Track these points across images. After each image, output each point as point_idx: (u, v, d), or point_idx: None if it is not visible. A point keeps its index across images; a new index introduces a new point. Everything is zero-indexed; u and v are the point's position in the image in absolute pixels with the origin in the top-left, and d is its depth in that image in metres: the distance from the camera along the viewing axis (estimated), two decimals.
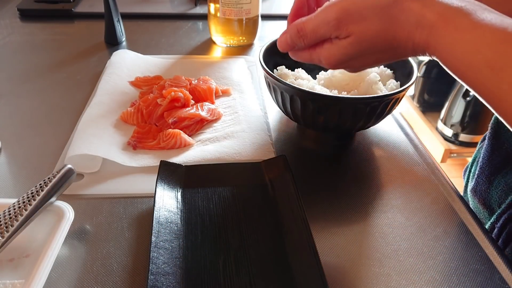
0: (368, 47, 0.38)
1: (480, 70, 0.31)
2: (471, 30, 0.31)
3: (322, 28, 0.38)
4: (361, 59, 0.39)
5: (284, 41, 0.43)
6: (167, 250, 0.38)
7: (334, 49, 0.39)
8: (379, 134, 0.58)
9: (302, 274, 0.37)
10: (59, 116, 0.60)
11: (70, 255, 0.40)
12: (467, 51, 0.31)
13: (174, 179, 0.46)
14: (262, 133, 0.56)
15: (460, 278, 0.39)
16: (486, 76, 0.31)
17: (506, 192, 0.49)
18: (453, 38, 0.32)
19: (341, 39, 0.38)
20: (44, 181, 0.40)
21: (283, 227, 0.42)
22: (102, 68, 0.71)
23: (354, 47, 0.38)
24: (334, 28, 0.37)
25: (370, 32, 0.36)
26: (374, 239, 0.43)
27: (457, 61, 0.33)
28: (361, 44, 0.37)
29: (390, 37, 0.36)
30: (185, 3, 0.98)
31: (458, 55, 0.32)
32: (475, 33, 0.31)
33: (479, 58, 0.31)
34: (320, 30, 0.39)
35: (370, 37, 0.37)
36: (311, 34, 0.39)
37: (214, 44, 0.83)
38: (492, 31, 0.31)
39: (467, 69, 0.32)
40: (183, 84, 0.62)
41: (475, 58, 0.31)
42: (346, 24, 0.37)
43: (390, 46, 0.37)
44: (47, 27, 0.89)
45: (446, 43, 0.33)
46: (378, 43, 0.37)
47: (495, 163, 0.52)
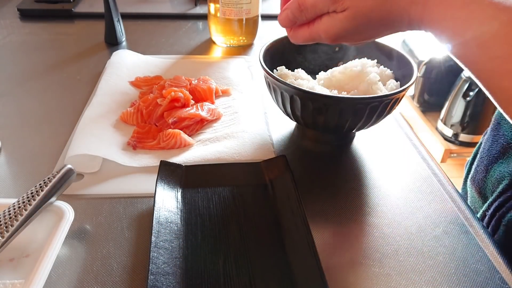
0: (363, 21, 0.38)
1: (470, 48, 0.31)
2: (462, 7, 0.32)
3: (321, 2, 0.39)
4: (359, 33, 0.40)
5: (285, 17, 0.43)
6: (167, 250, 0.38)
7: (331, 22, 0.40)
8: (379, 134, 0.58)
9: (302, 274, 0.37)
10: (59, 116, 0.60)
11: (70, 255, 0.40)
12: (458, 27, 0.32)
13: (174, 179, 0.46)
14: (262, 133, 0.56)
15: (460, 278, 0.39)
16: (474, 53, 0.31)
17: (498, 180, 0.50)
18: (445, 14, 0.33)
19: (338, 12, 0.39)
20: (44, 181, 0.40)
21: (283, 227, 0.42)
22: (102, 68, 0.71)
23: (350, 21, 0.39)
24: (332, 2, 0.38)
25: (365, 7, 0.37)
26: (374, 239, 0.43)
27: (449, 38, 0.33)
28: (356, 18, 0.38)
29: (385, 12, 0.37)
30: (185, 3, 0.98)
31: (450, 32, 0.33)
32: (466, 10, 0.32)
33: (469, 35, 0.31)
34: (319, 4, 0.40)
35: (365, 12, 0.37)
36: (311, 8, 0.41)
37: (214, 44, 0.83)
38: (482, 8, 0.31)
39: (458, 46, 0.33)
40: (183, 84, 0.62)
41: (465, 35, 0.32)
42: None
43: (385, 20, 0.38)
44: (47, 27, 0.89)
45: (439, 20, 0.34)
46: (374, 17, 0.38)
47: (493, 153, 0.53)
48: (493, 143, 0.54)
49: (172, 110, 0.57)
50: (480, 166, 0.55)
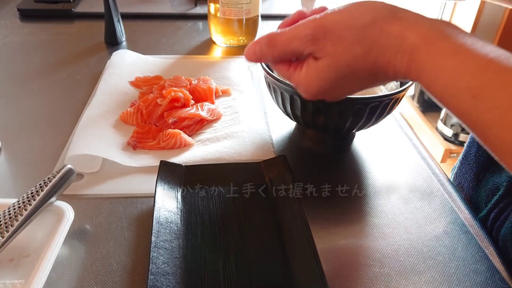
0: (347, 72, 0.35)
1: (464, 98, 0.29)
2: (453, 56, 0.30)
3: (296, 41, 0.36)
4: (341, 86, 0.37)
5: (252, 51, 0.40)
6: (167, 250, 0.38)
7: (312, 74, 0.37)
8: (379, 134, 0.58)
9: (302, 274, 0.37)
10: (59, 116, 0.60)
11: (70, 255, 0.40)
12: (450, 77, 0.30)
13: (174, 179, 0.46)
14: (262, 133, 0.56)
15: (460, 278, 0.39)
16: (469, 104, 0.29)
17: (493, 191, 0.49)
18: (435, 63, 0.31)
19: (317, 59, 0.36)
20: (44, 181, 0.40)
21: (283, 227, 0.42)
22: (102, 68, 0.71)
23: (333, 70, 0.35)
24: (309, 43, 0.35)
25: (348, 55, 0.34)
26: (374, 239, 0.43)
27: (440, 88, 0.31)
28: (340, 68, 0.35)
29: (369, 62, 0.34)
30: (185, 3, 0.98)
31: (441, 82, 0.31)
32: (457, 59, 0.30)
33: (462, 85, 0.29)
34: (293, 43, 0.36)
35: (348, 60, 0.35)
36: (282, 47, 0.37)
37: (214, 44, 0.83)
38: (474, 57, 0.29)
39: (451, 96, 0.30)
40: (183, 84, 0.62)
41: (458, 86, 0.30)
42: (323, 41, 0.35)
43: (370, 71, 0.35)
44: (47, 27, 0.89)
45: (428, 69, 0.31)
46: (358, 68, 0.35)
47: (482, 160, 0.52)
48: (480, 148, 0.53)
49: (172, 110, 0.57)
50: (469, 173, 0.54)
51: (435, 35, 0.31)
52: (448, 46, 0.30)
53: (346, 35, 0.34)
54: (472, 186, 0.53)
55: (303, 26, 0.36)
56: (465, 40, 0.30)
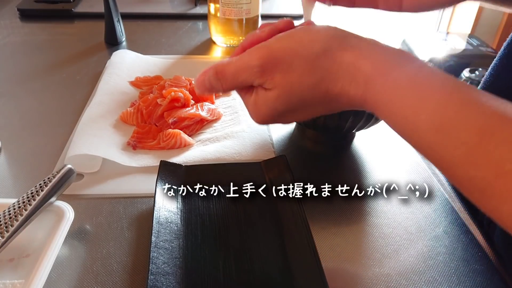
0: (297, 102, 0.33)
1: (426, 133, 0.27)
2: (410, 87, 0.28)
3: (244, 73, 0.34)
4: (292, 114, 0.35)
5: (201, 83, 0.37)
6: (167, 250, 0.38)
7: (261, 102, 0.35)
8: (379, 134, 0.58)
9: (302, 274, 0.37)
10: (59, 116, 0.60)
11: (70, 255, 0.40)
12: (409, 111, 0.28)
13: (174, 179, 0.46)
14: (262, 133, 0.56)
15: (460, 278, 0.39)
16: (433, 140, 0.27)
17: None
18: (392, 96, 0.29)
19: (267, 90, 0.34)
20: (44, 181, 0.40)
21: (283, 227, 0.42)
22: (102, 68, 0.71)
23: (282, 102, 0.33)
24: (257, 75, 0.33)
25: (299, 87, 0.32)
26: (374, 239, 0.43)
27: (399, 122, 0.29)
28: (290, 98, 0.33)
29: (322, 92, 0.32)
30: (185, 3, 0.98)
31: (400, 115, 0.28)
32: (415, 90, 0.28)
33: (423, 119, 0.27)
34: (242, 76, 0.34)
35: (299, 91, 0.33)
36: (231, 79, 0.35)
37: (214, 44, 0.83)
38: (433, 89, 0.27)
39: (411, 131, 0.28)
40: (183, 84, 0.62)
41: (418, 120, 0.27)
42: (272, 73, 0.33)
43: (322, 100, 0.33)
44: (47, 27, 0.89)
45: (384, 101, 0.29)
46: (309, 98, 0.33)
47: None
48: None
49: (172, 110, 0.57)
50: None
51: (389, 65, 0.29)
52: (404, 77, 0.29)
53: (295, 65, 0.32)
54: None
55: (250, 56, 0.34)
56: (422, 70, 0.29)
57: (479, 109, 0.26)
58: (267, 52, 0.33)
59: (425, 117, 0.27)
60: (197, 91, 0.38)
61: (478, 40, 1.84)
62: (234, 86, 0.36)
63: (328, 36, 0.32)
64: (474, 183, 0.26)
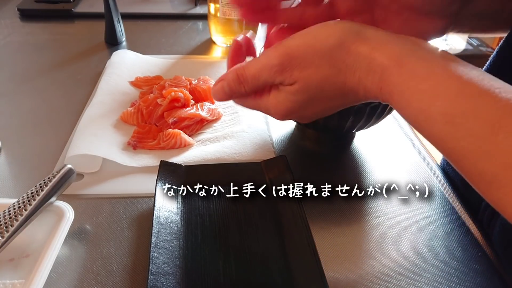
0: (316, 93, 0.34)
1: (437, 124, 0.28)
2: (426, 78, 0.28)
3: (264, 73, 0.34)
4: (312, 107, 0.36)
5: (221, 90, 0.37)
6: (167, 250, 0.38)
7: (281, 96, 0.35)
8: (379, 134, 0.58)
9: (302, 274, 0.37)
10: (59, 116, 0.60)
11: (70, 255, 0.40)
12: (422, 102, 0.28)
13: (174, 179, 0.46)
14: (262, 133, 0.56)
15: (460, 278, 0.39)
16: (443, 131, 0.28)
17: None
18: (407, 86, 0.29)
19: (286, 85, 0.35)
20: (44, 181, 0.40)
21: (283, 227, 0.42)
22: (102, 68, 0.71)
23: (302, 94, 0.34)
24: (278, 74, 0.34)
25: (317, 78, 0.33)
26: (374, 239, 0.43)
27: (412, 112, 0.29)
28: (309, 90, 0.34)
29: (339, 83, 0.33)
30: (185, 3, 0.98)
31: (414, 106, 0.29)
32: (430, 82, 0.28)
33: (435, 110, 0.28)
34: (262, 76, 0.35)
35: (318, 83, 0.33)
36: (252, 80, 0.35)
37: (214, 44, 0.83)
38: (447, 80, 0.28)
39: (424, 122, 0.29)
40: (183, 84, 0.62)
41: (431, 110, 0.28)
42: (291, 70, 0.33)
43: (340, 92, 0.34)
44: (47, 27, 0.89)
45: (400, 91, 0.30)
46: (327, 89, 0.34)
47: None
48: None
49: (172, 110, 0.57)
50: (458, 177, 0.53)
51: (406, 56, 0.30)
52: (420, 68, 0.29)
53: (312, 60, 0.33)
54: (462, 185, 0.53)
55: (270, 56, 0.34)
56: (438, 61, 0.29)
57: (491, 101, 0.26)
58: (284, 50, 0.34)
59: (437, 108, 0.28)
60: (216, 98, 0.38)
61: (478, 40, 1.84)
62: (255, 88, 0.36)
63: (343, 29, 0.32)
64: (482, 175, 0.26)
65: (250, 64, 0.35)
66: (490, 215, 0.45)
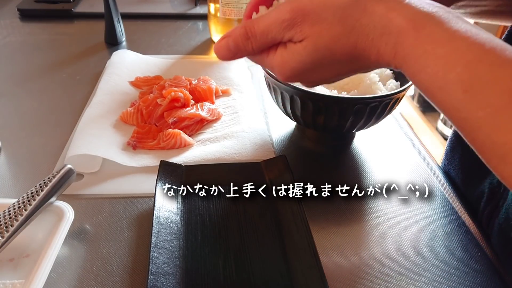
0: (325, 54, 0.32)
1: (453, 92, 0.26)
2: (445, 43, 0.27)
3: (274, 28, 0.33)
4: (318, 70, 0.34)
5: (225, 46, 0.35)
6: (167, 250, 0.38)
7: (287, 55, 0.33)
8: (379, 134, 0.58)
9: (302, 274, 0.37)
10: (59, 116, 0.60)
11: (70, 255, 0.40)
12: (439, 67, 0.27)
13: (174, 179, 0.46)
14: (262, 133, 0.56)
15: (460, 278, 0.39)
16: (459, 99, 0.26)
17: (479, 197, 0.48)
18: (424, 50, 0.28)
19: (295, 43, 0.33)
20: (44, 181, 0.40)
21: (283, 227, 0.42)
22: (102, 68, 0.71)
23: (310, 54, 0.32)
24: (287, 29, 0.32)
25: (328, 36, 0.31)
26: (374, 239, 0.43)
27: (427, 78, 0.28)
28: (317, 50, 0.32)
29: (351, 44, 0.31)
30: (185, 3, 0.98)
31: (429, 72, 0.27)
32: (449, 47, 0.27)
33: (452, 77, 0.26)
34: (272, 31, 0.33)
35: (327, 42, 0.31)
36: (261, 36, 0.33)
37: (214, 44, 0.83)
38: (467, 46, 0.26)
39: (438, 89, 0.27)
40: (183, 84, 0.62)
41: (448, 77, 0.26)
42: (301, 25, 0.32)
43: (350, 55, 0.32)
44: (47, 27, 0.89)
45: (415, 55, 0.28)
46: (337, 50, 0.31)
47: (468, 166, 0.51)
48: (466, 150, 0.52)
49: (172, 110, 0.57)
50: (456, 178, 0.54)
51: (425, 19, 0.28)
52: (439, 32, 0.27)
53: (325, 15, 0.31)
54: (462, 185, 0.53)
55: (281, 10, 0.32)
56: (458, 26, 0.27)
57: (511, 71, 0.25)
58: (296, 5, 0.32)
59: (454, 75, 0.26)
60: (219, 56, 0.36)
61: None
62: (263, 45, 0.34)
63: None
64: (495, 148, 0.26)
65: (260, 19, 0.34)
66: (489, 215, 0.45)
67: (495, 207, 0.45)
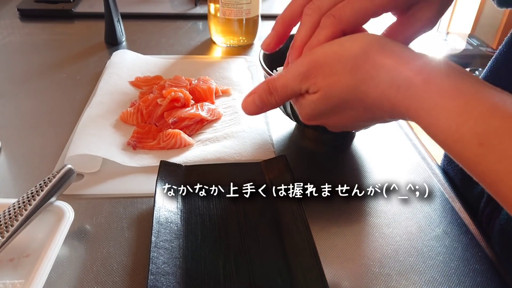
0: (337, 102, 0.34)
1: (469, 145, 0.26)
2: (455, 96, 0.27)
3: (292, 82, 0.35)
4: (334, 116, 0.36)
5: (252, 103, 0.38)
6: (167, 250, 0.38)
7: (304, 103, 0.36)
8: (379, 134, 0.58)
9: (302, 275, 0.37)
10: (59, 116, 0.60)
11: (70, 255, 0.40)
12: (452, 121, 0.27)
13: (174, 179, 0.46)
14: (262, 133, 0.56)
15: (460, 278, 0.39)
16: (476, 153, 0.26)
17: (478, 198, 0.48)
18: (435, 103, 0.28)
19: (311, 94, 0.35)
20: (44, 181, 0.40)
21: (283, 227, 0.42)
22: (102, 68, 0.71)
23: (323, 102, 0.34)
24: (304, 81, 0.34)
25: (339, 87, 0.33)
26: (374, 239, 0.43)
27: (441, 132, 0.28)
28: (329, 99, 0.34)
29: (361, 94, 0.32)
30: (185, 3, 0.98)
31: (442, 125, 0.27)
32: (459, 100, 0.27)
33: (466, 130, 0.26)
34: (290, 84, 0.35)
35: (339, 93, 0.33)
36: (282, 89, 0.36)
37: (214, 44, 0.83)
38: (478, 100, 0.26)
39: (454, 142, 0.27)
40: (183, 84, 0.62)
41: (462, 130, 0.26)
42: (315, 77, 0.33)
43: (363, 103, 0.33)
44: (47, 27, 0.89)
45: (427, 109, 0.28)
46: (349, 99, 0.33)
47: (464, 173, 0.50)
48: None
49: (172, 110, 0.57)
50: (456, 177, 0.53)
51: (433, 73, 0.29)
52: (448, 85, 0.28)
53: (336, 67, 0.32)
54: (462, 185, 0.53)
55: (298, 64, 0.35)
56: (465, 80, 0.28)
57: None
58: (312, 57, 0.34)
59: (468, 128, 0.26)
60: (247, 112, 0.38)
61: (478, 40, 1.84)
62: (286, 97, 0.37)
63: (369, 39, 0.32)
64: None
65: (281, 74, 0.36)
66: (489, 215, 0.45)
67: (495, 207, 0.45)
